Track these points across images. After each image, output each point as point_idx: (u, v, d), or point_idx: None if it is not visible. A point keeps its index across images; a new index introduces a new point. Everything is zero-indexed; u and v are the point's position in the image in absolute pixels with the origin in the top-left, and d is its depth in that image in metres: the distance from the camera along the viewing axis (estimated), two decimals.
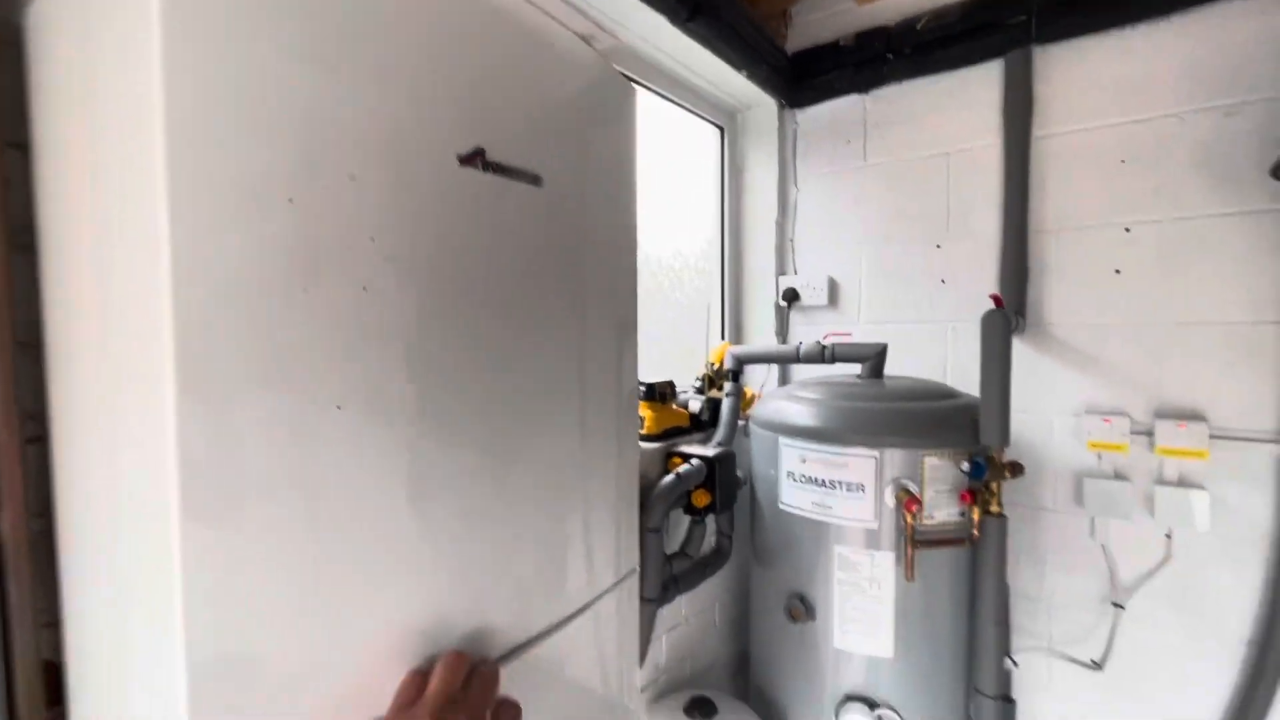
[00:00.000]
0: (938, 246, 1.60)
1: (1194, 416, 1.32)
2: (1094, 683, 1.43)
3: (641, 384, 1.31)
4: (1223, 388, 1.30)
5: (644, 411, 1.34)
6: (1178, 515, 1.31)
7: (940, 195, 1.58)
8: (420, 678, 0.49)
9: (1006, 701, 1.47)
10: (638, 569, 0.72)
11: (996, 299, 1.16)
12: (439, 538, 0.53)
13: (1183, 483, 1.33)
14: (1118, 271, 1.39)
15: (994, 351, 1.11)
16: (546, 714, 0.61)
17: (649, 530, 1.14)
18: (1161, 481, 1.34)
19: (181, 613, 0.39)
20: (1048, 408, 1.47)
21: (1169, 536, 1.35)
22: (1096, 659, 1.33)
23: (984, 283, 1.51)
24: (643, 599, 1.16)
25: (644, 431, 1.33)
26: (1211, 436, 1.29)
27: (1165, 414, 1.34)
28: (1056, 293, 1.45)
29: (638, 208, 0.77)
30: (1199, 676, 1.34)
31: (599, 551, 0.65)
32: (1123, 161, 1.37)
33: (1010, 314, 1.17)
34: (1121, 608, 1.38)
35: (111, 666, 0.50)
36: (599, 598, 0.65)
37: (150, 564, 0.42)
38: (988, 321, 1.12)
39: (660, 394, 1.37)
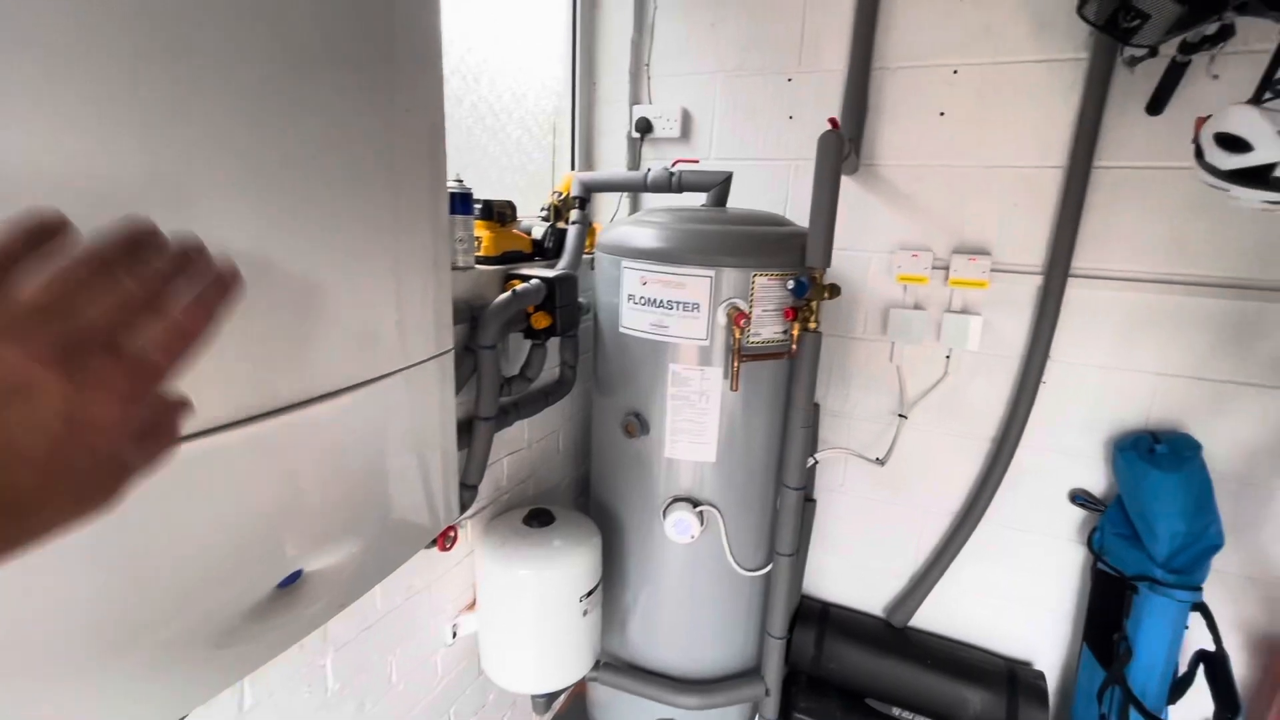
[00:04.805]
0: (789, 80, 1.58)
1: (982, 252, 1.49)
2: (877, 480, 1.71)
3: (477, 201, 1.21)
4: (1007, 227, 1.47)
5: (481, 231, 1.24)
6: (957, 338, 1.52)
7: (795, 20, 1.54)
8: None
9: (808, 501, 1.74)
10: (446, 353, 0.68)
11: (833, 121, 1.17)
12: None
13: (965, 310, 1.53)
14: (942, 114, 1.47)
15: (825, 173, 1.14)
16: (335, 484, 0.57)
17: (484, 347, 1.10)
18: (950, 310, 1.54)
19: None
20: (868, 245, 1.59)
21: (948, 357, 1.57)
22: (880, 457, 1.57)
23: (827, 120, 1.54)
24: (480, 417, 1.15)
25: (480, 253, 1.24)
26: (993, 270, 1.48)
27: (961, 250, 1.51)
28: (888, 132, 1.52)
29: None
30: (956, 470, 1.64)
31: (398, 324, 0.59)
32: None
33: (845, 140, 1.19)
34: (905, 418, 1.62)
35: None
36: (383, 376, 0.61)
37: None
38: (823, 143, 1.14)
39: (499, 214, 1.27)
